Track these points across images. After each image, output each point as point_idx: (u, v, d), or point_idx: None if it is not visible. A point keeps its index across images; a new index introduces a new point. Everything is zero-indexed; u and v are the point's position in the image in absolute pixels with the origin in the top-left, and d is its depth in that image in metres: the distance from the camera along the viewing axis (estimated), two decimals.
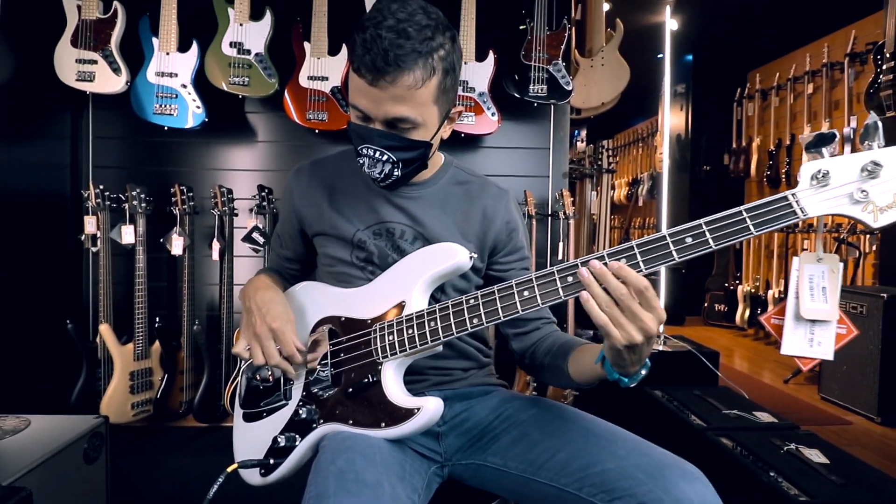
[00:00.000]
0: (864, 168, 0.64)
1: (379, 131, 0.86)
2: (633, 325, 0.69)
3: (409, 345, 0.83)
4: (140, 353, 2.17)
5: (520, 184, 2.43)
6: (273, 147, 2.43)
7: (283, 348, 0.88)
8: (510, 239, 1.01)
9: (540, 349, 0.96)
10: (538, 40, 2.27)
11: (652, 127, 5.93)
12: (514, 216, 1.02)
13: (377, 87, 0.82)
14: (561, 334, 0.98)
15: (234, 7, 2.14)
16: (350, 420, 0.85)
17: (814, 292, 0.72)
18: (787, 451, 1.39)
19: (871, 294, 2.54)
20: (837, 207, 0.66)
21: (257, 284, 0.99)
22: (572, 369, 0.86)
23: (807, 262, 0.72)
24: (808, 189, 0.66)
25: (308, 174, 1.04)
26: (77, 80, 2.10)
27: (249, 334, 0.92)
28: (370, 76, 0.81)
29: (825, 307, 0.72)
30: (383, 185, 0.93)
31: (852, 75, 3.71)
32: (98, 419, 1.62)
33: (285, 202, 1.07)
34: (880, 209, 0.64)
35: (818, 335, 0.73)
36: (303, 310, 0.98)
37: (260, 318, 0.90)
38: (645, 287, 0.68)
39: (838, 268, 0.72)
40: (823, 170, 0.65)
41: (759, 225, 0.67)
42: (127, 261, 2.25)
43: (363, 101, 0.85)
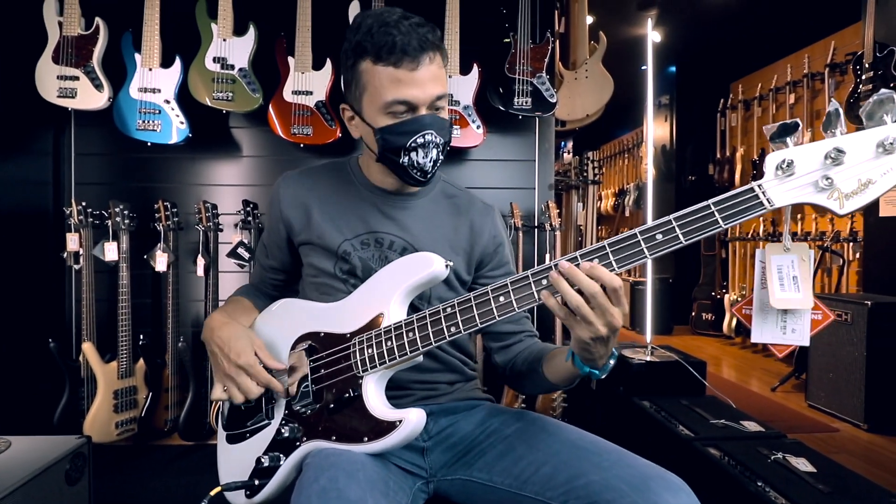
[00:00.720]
0: (828, 155, 0.64)
1: (430, 116, 0.89)
2: (602, 321, 0.71)
3: (389, 357, 0.82)
4: (124, 372, 2.14)
5: (506, 196, 2.44)
6: (258, 162, 2.43)
7: (259, 379, 0.88)
8: (496, 253, 1.02)
9: (519, 360, 0.97)
10: (522, 53, 2.29)
11: (637, 138, 6.00)
12: (500, 231, 1.04)
13: (420, 69, 0.84)
14: (537, 343, 0.99)
15: (217, 22, 2.14)
16: (333, 436, 0.84)
17: (784, 282, 0.72)
18: (775, 460, 1.39)
19: (855, 301, 2.56)
20: (803, 196, 0.65)
21: (212, 325, 0.97)
22: (548, 372, 0.88)
23: (774, 253, 0.72)
24: (774, 179, 0.66)
25: (296, 182, 1.03)
26: (59, 96, 2.09)
27: (220, 376, 0.91)
28: (412, 60, 0.84)
29: (797, 296, 0.72)
30: (427, 176, 0.93)
31: (833, 85, 3.79)
32: (80, 439, 1.60)
33: (272, 210, 1.06)
34: (846, 195, 0.64)
35: (791, 323, 0.73)
36: (281, 328, 0.96)
37: (225, 358, 0.90)
38: (619, 286, 0.70)
39: (808, 256, 0.72)
40: (788, 159, 0.65)
41: (727, 217, 0.67)
42: (110, 278, 2.23)
43: (410, 90, 0.85)
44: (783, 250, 0.71)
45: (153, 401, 2.19)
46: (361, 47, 0.86)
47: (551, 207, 2.35)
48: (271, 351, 0.93)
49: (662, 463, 0.78)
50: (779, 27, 4.27)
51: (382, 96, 0.87)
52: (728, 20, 4.32)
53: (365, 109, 0.90)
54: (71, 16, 2.11)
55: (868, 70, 2.81)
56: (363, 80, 0.88)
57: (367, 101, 0.89)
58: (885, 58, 2.75)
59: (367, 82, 0.88)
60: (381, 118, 0.89)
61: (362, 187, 1.01)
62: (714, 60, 4.97)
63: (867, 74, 2.81)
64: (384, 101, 0.87)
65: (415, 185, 0.96)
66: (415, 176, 0.93)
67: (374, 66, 0.86)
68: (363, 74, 0.88)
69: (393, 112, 0.88)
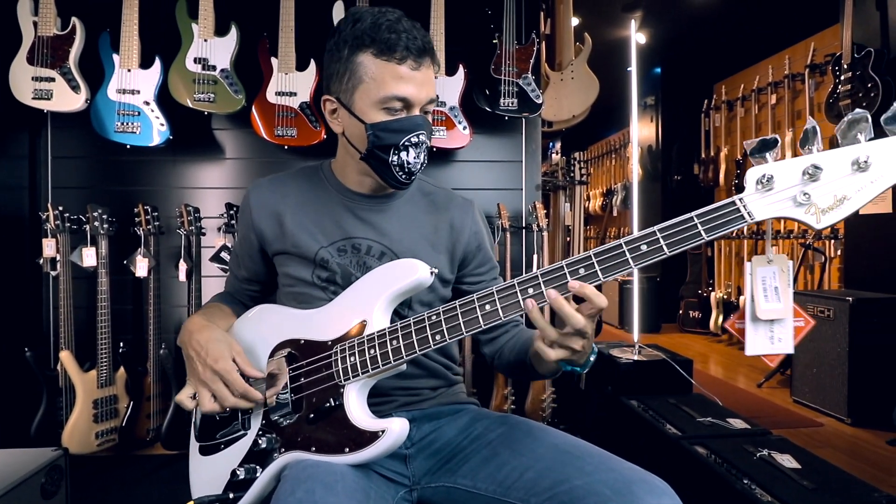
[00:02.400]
0: (805, 171, 0.66)
1: (422, 117, 0.89)
2: (581, 342, 0.74)
3: (372, 365, 0.80)
4: (104, 380, 2.09)
5: (493, 197, 2.44)
6: (241, 164, 2.39)
7: (233, 388, 0.84)
8: (479, 250, 1.01)
9: (506, 349, 0.97)
10: (507, 54, 2.29)
11: (624, 138, 6.05)
12: (481, 227, 1.02)
13: (421, 69, 0.86)
14: (523, 332, 0.99)
15: (198, 22, 2.11)
16: (312, 447, 0.82)
17: (767, 294, 0.74)
18: (760, 457, 1.40)
19: (837, 298, 2.60)
20: (782, 210, 0.67)
21: (191, 328, 0.94)
22: (534, 362, 0.89)
23: (759, 265, 0.74)
24: (755, 193, 0.68)
25: (267, 190, 1.00)
26: (34, 98, 2.04)
27: (196, 383, 0.88)
28: (415, 60, 0.85)
29: (779, 306, 0.74)
30: (411, 178, 0.93)
31: (813, 86, 3.85)
32: (57, 451, 1.55)
33: (243, 220, 1.03)
34: (822, 211, 0.65)
35: (777, 332, 0.75)
36: (259, 335, 0.94)
37: (201, 362, 0.86)
38: (604, 306, 0.72)
39: (787, 267, 0.74)
40: (768, 174, 0.67)
41: (710, 230, 0.68)
42: (89, 284, 2.17)
43: (408, 88, 0.85)
44: (766, 262, 0.73)
45: (134, 410, 2.14)
46: (361, 40, 0.85)
47: (539, 208, 2.35)
48: (249, 358, 0.90)
49: (650, 462, 0.78)
50: (760, 29, 4.33)
51: (381, 91, 0.85)
52: (711, 22, 4.38)
53: (356, 103, 0.88)
54: (46, 15, 2.06)
55: (846, 71, 2.86)
56: (359, 73, 0.86)
57: (361, 94, 0.87)
58: (863, 59, 2.79)
59: (365, 74, 0.86)
60: (375, 113, 0.87)
61: (336, 192, 0.98)
62: (698, 62, 5.03)
63: (846, 75, 2.86)
64: (382, 96, 0.86)
65: (396, 187, 0.94)
66: (399, 177, 0.91)
67: (375, 60, 0.85)
68: (360, 66, 0.86)
69: (388, 108, 0.87)
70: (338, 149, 0.99)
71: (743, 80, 4.63)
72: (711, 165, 4.79)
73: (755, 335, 0.72)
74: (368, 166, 0.92)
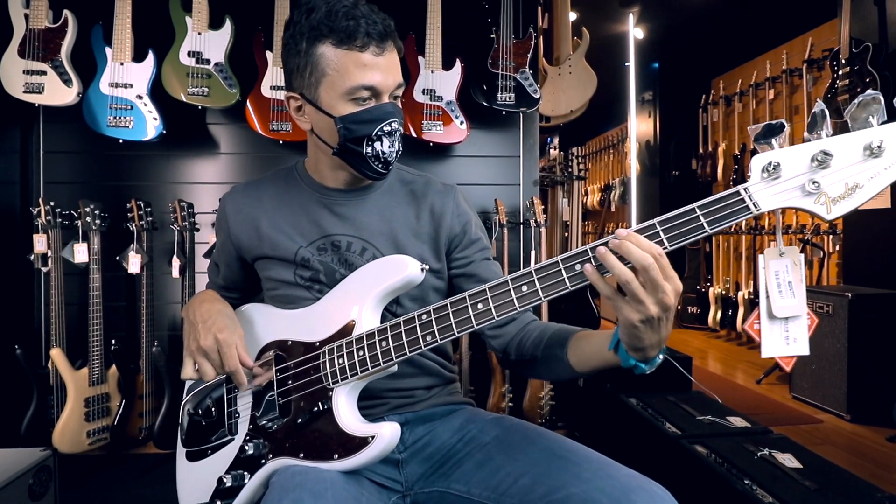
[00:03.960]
0: (815, 158, 0.61)
1: (392, 104, 0.86)
2: (653, 298, 0.64)
3: (361, 368, 0.78)
4: (96, 378, 2.06)
5: (490, 192, 2.41)
6: (236, 159, 2.36)
7: (226, 362, 0.82)
8: (464, 232, 0.96)
9: (527, 342, 0.90)
10: (505, 49, 2.26)
11: (622, 133, 6.03)
12: (464, 209, 0.98)
13: (385, 54, 0.82)
14: (548, 324, 0.91)
15: (191, 15, 2.07)
16: (301, 453, 0.79)
17: (782, 289, 0.69)
18: (761, 456, 1.38)
19: (836, 294, 2.59)
20: (790, 200, 0.63)
21: (203, 297, 0.93)
22: (574, 359, 0.81)
23: (771, 259, 0.70)
24: (760, 182, 0.63)
25: (242, 196, 0.98)
26: (25, 91, 2.01)
27: (194, 348, 0.85)
28: (378, 45, 0.81)
29: (794, 302, 0.69)
30: (388, 168, 0.89)
31: (811, 81, 3.83)
32: (45, 452, 1.53)
33: (220, 228, 1.00)
34: (833, 200, 0.62)
35: (792, 331, 0.71)
36: (248, 333, 0.91)
37: (205, 329, 0.84)
38: (660, 253, 0.64)
39: (799, 260, 0.70)
40: (774, 161, 0.63)
41: (713, 222, 0.64)
42: (81, 280, 2.14)
43: (374, 76, 0.82)
44: (778, 255, 0.68)
45: (126, 408, 2.12)
46: (319, 30, 0.81)
47: (536, 204, 2.33)
48: None
49: (650, 461, 0.75)
50: (757, 24, 4.31)
51: (346, 81, 0.82)
52: (708, 17, 4.36)
53: (322, 97, 0.85)
54: (38, 8, 2.03)
55: (844, 66, 2.84)
56: (321, 65, 0.83)
57: (325, 87, 0.84)
58: (861, 53, 2.78)
59: (327, 67, 0.82)
60: (343, 106, 0.84)
61: (312, 190, 0.95)
62: (695, 57, 5.00)
63: (844, 70, 2.84)
64: (348, 87, 0.82)
65: (374, 178, 0.91)
66: (376, 168, 0.87)
67: (336, 50, 0.81)
68: (321, 59, 0.82)
69: (356, 98, 0.83)
70: (308, 146, 0.96)
71: (741, 75, 4.61)
72: (710, 160, 4.78)
73: (770, 335, 0.67)
74: (342, 160, 0.89)
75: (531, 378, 2.24)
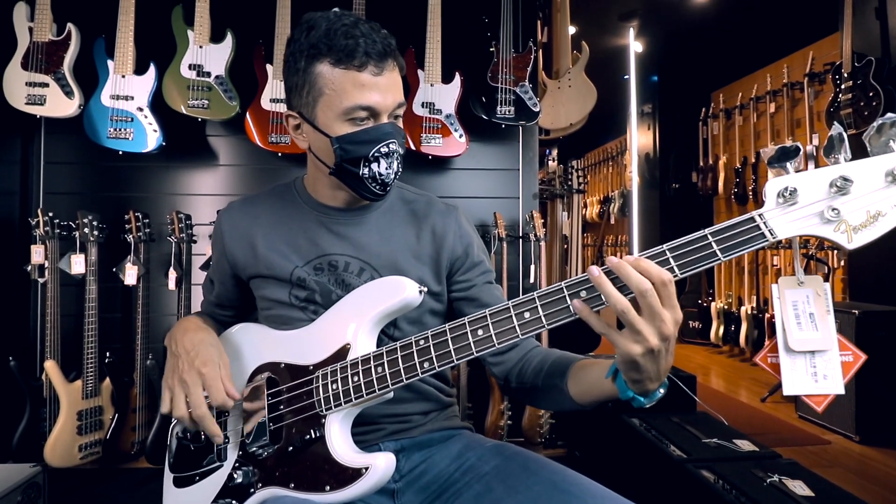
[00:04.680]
0: (833, 184, 0.58)
1: (391, 124, 0.84)
2: (651, 327, 0.60)
3: (355, 394, 0.75)
4: (89, 391, 2.03)
5: (489, 206, 2.40)
6: (235, 171, 2.35)
7: (212, 396, 0.78)
8: (466, 255, 0.94)
9: (527, 370, 0.87)
10: (504, 62, 2.26)
11: (621, 145, 6.03)
12: (466, 230, 0.95)
13: (384, 75, 0.81)
14: (550, 351, 0.88)
15: (193, 29, 2.08)
16: (292, 483, 0.76)
17: (801, 320, 0.65)
18: (771, 483, 1.34)
19: (842, 310, 2.54)
20: (808, 228, 0.60)
21: (186, 326, 0.89)
22: (574, 389, 0.78)
23: (787, 287, 0.65)
24: (776, 208, 0.60)
25: (238, 213, 0.96)
26: (27, 103, 2.01)
27: (174, 381, 0.81)
28: (377, 65, 0.80)
29: (816, 335, 0.65)
30: (386, 189, 0.87)
31: (812, 94, 3.83)
32: (34, 468, 1.50)
33: (216, 245, 0.98)
34: (854, 228, 0.58)
35: (821, 367, 0.65)
36: (239, 355, 0.88)
37: (188, 361, 0.81)
38: (669, 280, 0.60)
39: (824, 290, 0.65)
40: (791, 187, 0.59)
41: (726, 250, 0.61)
42: (77, 292, 2.13)
43: (372, 96, 0.80)
44: (797, 284, 0.63)
45: (119, 422, 2.08)
46: (317, 49, 0.80)
47: (536, 217, 2.31)
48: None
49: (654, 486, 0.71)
50: (758, 38, 4.33)
51: (344, 101, 0.80)
52: (708, 31, 4.38)
53: (319, 116, 0.83)
54: (42, 21, 2.04)
55: (847, 80, 2.84)
56: (319, 84, 0.81)
57: (323, 106, 0.82)
58: (864, 67, 2.77)
59: (325, 86, 0.81)
60: (340, 126, 0.82)
61: (310, 208, 0.93)
62: (695, 70, 5.02)
63: (846, 84, 2.84)
64: (345, 107, 0.80)
65: (371, 199, 0.89)
66: (373, 189, 0.86)
67: (333, 69, 0.80)
68: (319, 78, 0.81)
69: (354, 119, 0.81)
70: (307, 164, 0.94)
71: (741, 88, 4.62)
72: (710, 173, 4.77)
73: (792, 370, 0.62)
74: (340, 181, 0.87)
75: (535, 407, 2.19)
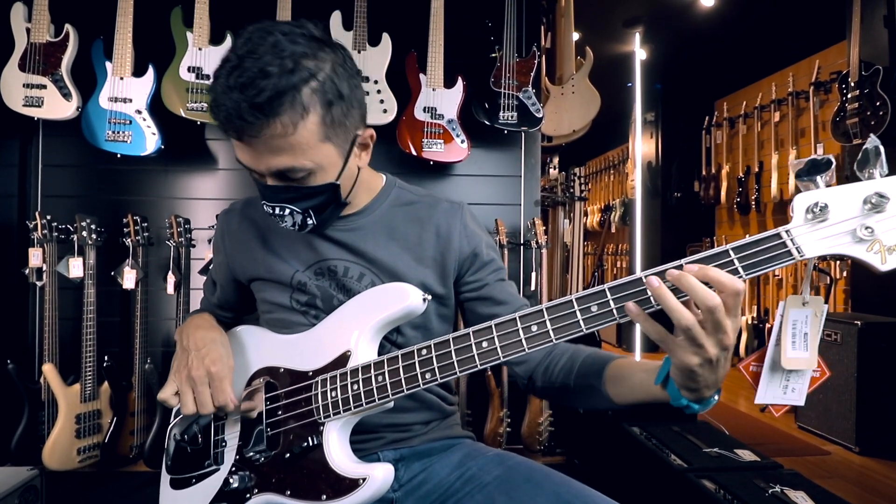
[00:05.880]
0: (868, 200, 0.55)
1: (273, 187, 0.77)
2: (713, 339, 0.57)
3: (354, 403, 0.74)
4: (88, 395, 2.02)
5: (491, 212, 2.38)
6: (235, 175, 2.34)
7: (216, 395, 0.78)
8: (475, 254, 0.90)
9: (554, 368, 0.84)
10: (507, 67, 2.25)
11: (623, 154, 6.01)
12: (472, 229, 0.92)
13: (252, 143, 0.72)
14: (578, 348, 0.84)
15: (192, 31, 2.07)
16: (288, 490, 0.75)
17: (796, 340, 0.63)
18: (772, 493, 1.33)
19: (845, 322, 2.53)
20: (838, 247, 0.56)
21: (198, 322, 0.89)
22: (613, 390, 0.74)
23: (792, 307, 0.63)
24: (804, 225, 0.56)
25: (239, 215, 0.95)
26: (24, 105, 2.00)
27: (182, 377, 0.80)
28: (238, 137, 0.72)
29: (804, 355, 0.63)
30: (307, 232, 0.84)
31: (817, 104, 3.81)
32: (32, 472, 1.49)
33: (216, 247, 0.98)
34: (889, 249, 0.55)
35: (793, 382, 0.65)
36: (240, 357, 0.88)
37: (198, 359, 0.80)
38: (742, 289, 0.56)
39: (822, 311, 0.64)
40: (821, 202, 0.55)
41: (749, 267, 0.57)
42: (75, 295, 2.12)
43: (243, 155, 0.75)
44: (801, 304, 0.61)
45: (118, 425, 2.07)
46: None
47: (538, 224, 2.30)
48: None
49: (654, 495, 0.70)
50: (763, 46, 4.31)
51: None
52: (713, 39, 4.36)
53: None
54: (39, 22, 2.03)
55: (854, 89, 2.82)
56: None
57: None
58: (871, 76, 2.75)
59: None
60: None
61: None
62: (699, 78, 5.01)
63: (853, 93, 2.82)
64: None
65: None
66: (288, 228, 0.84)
67: None
68: None
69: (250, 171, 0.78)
70: None
71: (745, 97, 4.60)
72: (713, 183, 4.74)
73: (769, 383, 0.62)
74: None
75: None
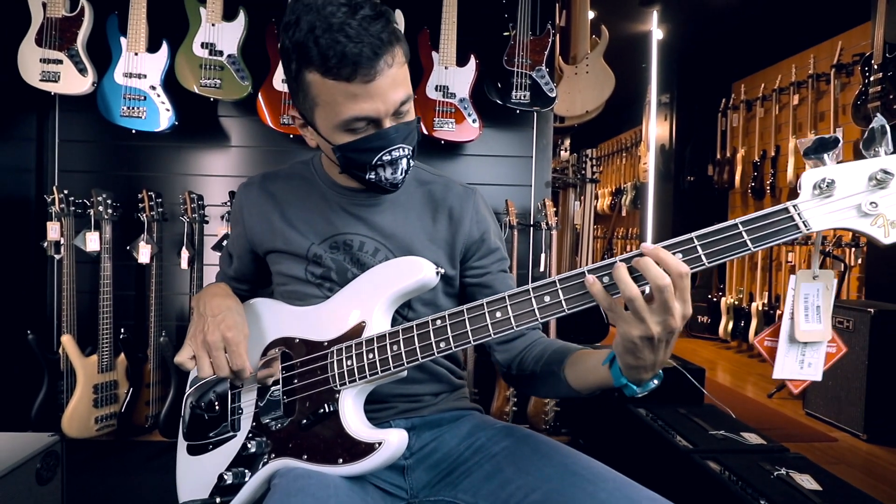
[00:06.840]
0: (873, 177, 0.58)
1: (395, 128, 0.78)
2: (657, 318, 0.61)
3: (370, 371, 0.76)
4: (105, 366, 2.07)
5: (501, 193, 2.38)
6: (247, 152, 2.36)
7: (233, 360, 0.80)
8: (483, 240, 0.93)
9: (528, 358, 0.87)
10: (521, 45, 2.22)
11: (636, 136, 5.93)
12: (484, 215, 0.94)
13: (378, 79, 0.73)
14: (553, 341, 0.89)
15: (206, 6, 2.07)
16: (304, 455, 0.77)
17: (808, 313, 0.66)
18: (778, 476, 1.33)
19: (858, 308, 2.50)
20: (844, 221, 0.59)
21: (214, 291, 0.92)
22: (571, 376, 0.78)
23: (803, 281, 0.66)
24: (811, 200, 0.60)
25: (258, 188, 0.96)
26: (41, 80, 2.02)
27: (198, 342, 0.82)
28: (368, 72, 0.71)
29: (818, 328, 0.66)
30: (398, 187, 0.86)
31: (838, 86, 3.72)
32: (53, 437, 1.54)
33: (234, 219, 1.00)
34: (892, 223, 0.58)
35: (808, 356, 0.67)
36: (255, 328, 0.90)
37: (214, 324, 0.82)
38: (686, 272, 0.60)
39: (832, 285, 0.67)
40: (828, 178, 0.59)
41: (757, 240, 0.61)
42: (92, 269, 2.16)
43: (366, 105, 0.74)
44: (812, 277, 0.64)
45: (134, 396, 2.13)
46: (304, 55, 0.73)
47: (548, 206, 2.29)
48: None
49: (659, 475, 0.71)
50: (784, 26, 4.20)
51: (338, 114, 0.76)
52: (732, 18, 4.25)
53: (319, 125, 0.81)
54: None
55: (877, 71, 2.74)
56: (312, 94, 0.77)
57: (320, 116, 0.79)
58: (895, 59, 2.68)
59: (317, 96, 0.76)
60: (340, 135, 0.79)
61: (327, 187, 0.93)
62: (716, 59, 4.89)
63: (876, 76, 2.75)
64: (340, 120, 0.76)
65: (382, 193, 0.90)
66: (383, 187, 0.85)
67: (323, 80, 0.74)
68: (311, 87, 0.76)
69: (353, 129, 0.78)
70: None
71: (764, 79, 4.50)
72: (727, 167, 4.67)
73: (786, 357, 0.65)
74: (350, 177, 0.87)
75: (531, 395, 2.20)
